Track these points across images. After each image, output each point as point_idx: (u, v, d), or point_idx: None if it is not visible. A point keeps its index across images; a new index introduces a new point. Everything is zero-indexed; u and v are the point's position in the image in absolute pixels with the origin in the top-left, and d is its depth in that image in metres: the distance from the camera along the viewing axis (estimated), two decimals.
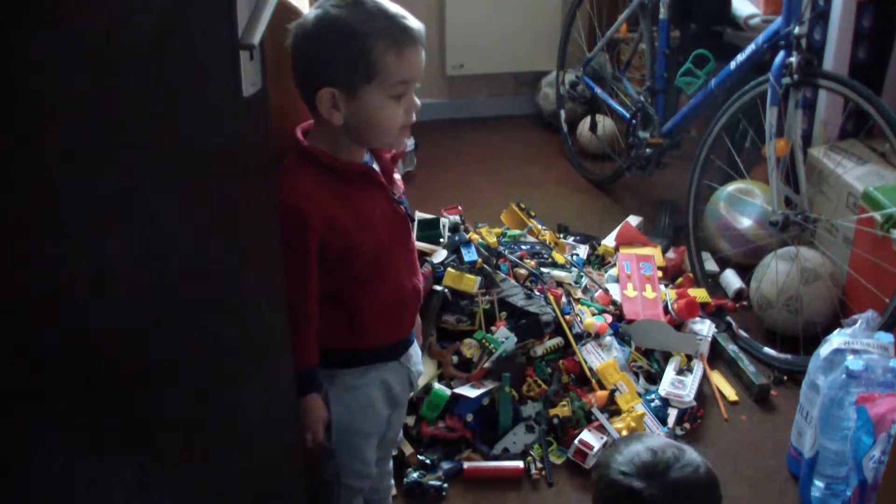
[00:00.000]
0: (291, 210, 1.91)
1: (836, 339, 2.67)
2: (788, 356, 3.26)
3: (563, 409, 3.05)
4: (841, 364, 2.59)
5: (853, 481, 2.58)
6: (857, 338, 2.63)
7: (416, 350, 2.34)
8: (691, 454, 1.75)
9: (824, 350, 2.67)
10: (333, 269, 2.02)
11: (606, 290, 3.53)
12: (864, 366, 2.54)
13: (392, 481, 2.65)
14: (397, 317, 2.19)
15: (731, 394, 3.21)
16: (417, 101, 2.00)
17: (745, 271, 3.60)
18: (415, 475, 2.83)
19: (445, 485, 2.84)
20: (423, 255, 3.28)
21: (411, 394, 2.47)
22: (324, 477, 2.38)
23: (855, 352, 2.60)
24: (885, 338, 2.63)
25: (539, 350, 3.15)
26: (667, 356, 3.29)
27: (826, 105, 3.63)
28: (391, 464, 2.59)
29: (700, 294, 3.53)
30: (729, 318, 3.47)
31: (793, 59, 3.18)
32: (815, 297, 3.24)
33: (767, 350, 3.32)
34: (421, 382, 3.02)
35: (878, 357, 2.57)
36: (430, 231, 3.55)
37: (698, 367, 3.24)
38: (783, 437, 2.92)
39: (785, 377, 3.24)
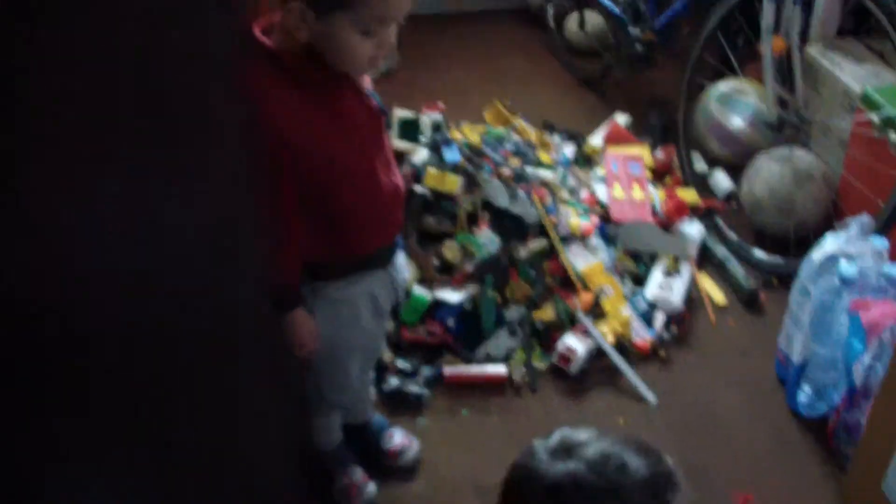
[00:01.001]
0: (262, 121, 1.77)
1: (830, 244, 2.59)
2: (779, 259, 3.18)
3: (547, 313, 2.98)
4: (834, 269, 2.51)
5: (842, 387, 2.54)
6: (850, 242, 2.55)
7: (401, 258, 2.24)
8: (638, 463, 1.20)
9: (817, 255, 2.59)
10: (308, 176, 1.91)
11: (593, 191, 3.43)
12: (858, 271, 2.47)
13: (372, 389, 2.58)
14: (379, 219, 2.08)
15: (719, 297, 3.15)
16: (393, 40, 1.83)
17: (736, 172, 3.50)
18: (395, 382, 2.77)
19: (426, 391, 2.78)
20: (403, 155, 3.16)
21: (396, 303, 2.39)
22: (305, 390, 2.32)
23: (848, 257, 2.52)
24: (879, 242, 2.54)
25: (523, 252, 3.06)
26: (654, 258, 3.21)
27: (824, 1, 3.47)
28: (372, 373, 2.52)
29: (689, 195, 3.43)
30: (718, 220, 3.38)
31: None
32: (808, 200, 3.15)
33: (757, 252, 3.24)
34: None
35: (872, 262, 2.50)
36: (410, 130, 3.42)
37: (686, 269, 3.17)
38: (771, 342, 2.87)
39: (774, 280, 3.18)
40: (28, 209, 0.77)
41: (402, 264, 2.25)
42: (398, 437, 2.58)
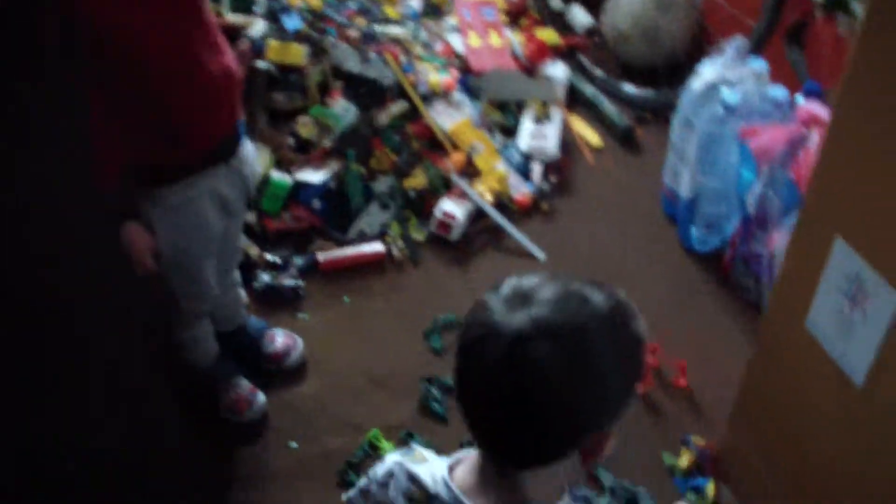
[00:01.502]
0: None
1: (707, 71, 2.45)
2: (650, 92, 3.05)
3: (418, 180, 2.77)
4: (716, 98, 2.38)
5: (735, 219, 2.46)
6: (728, 68, 2.42)
7: (247, 148, 1.97)
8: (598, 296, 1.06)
9: (696, 84, 2.45)
10: (117, 69, 1.61)
11: (448, 42, 3.18)
12: (741, 97, 2.35)
13: (241, 291, 2.34)
14: (208, 109, 1.80)
15: (594, 139, 3.00)
16: None
17: (594, 6, 3.31)
18: (266, 278, 2.53)
19: (301, 282, 2.56)
20: (237, 30, 2.81)
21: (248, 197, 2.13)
22: (162, 304, 2.07)
23: (729, 83, 2.39)
24: (757, 65, 2.42)
25: (384, 118, 2.81)
26: (522, 107, 3.02)
27: None
28: (237, 274, 2.27)
29: (549, 35, 3.22)
30: (582, 58, 3.21)
31: None
32: (673, 26, 3.00)
33: (628, 87, 3.10)
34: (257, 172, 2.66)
35: (754, 86, 2.38)
36: (242, 1, 3.05)
37: (557, 114, 2.99)
38: (654, 179, 2.76)
39: (648, 115, 3.05)
40: None
41: (250, 153, 2.00)
42: (280, 339, 2.37)
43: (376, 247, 2.64)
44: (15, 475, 2.12)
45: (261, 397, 2.26)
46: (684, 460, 2.13)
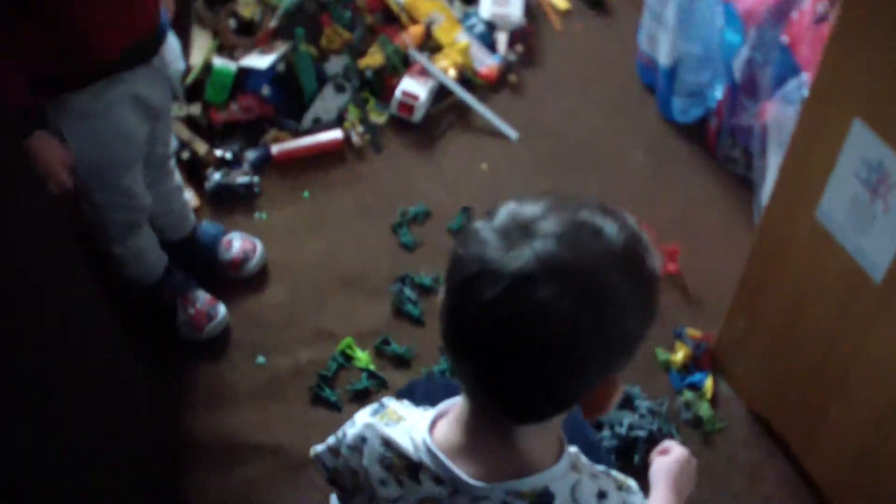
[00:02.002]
0: None
1: None
2: None
3: (374, 58, 2.53)
4: None
5: (719, 87, 2.27)
6: None
7: (171, 45, 1.76)
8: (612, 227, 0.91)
9: None
10: None
11: None
12: None
13: (186, 195, 2.14)
14: (118, 7, 1.58)
15: (560, 1, 2.77)
16: None
17: None
18: (217, 176, 2.33)
19: (256, 178, 2.36)
20: None
21: (177, 98, 1.92)
22: (86, 219, 1.88)
23: None
24: None
25: None
26: None
27: None
28: (177, 176, 2.06)
29: None
30: None
31: None
32: None
33: None
34: (197, 60, 2.41)
35: None
36: None
37: None
38: (629, 45, 2.55)
39: None
40: None
41: (174, 50, 1.79)
42: (237, 243, 2.18)
43: (334, 134, 2.43)
44: None
45: (221, 309, 2.10)
46: (679, 355, 2.01)
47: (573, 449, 1.03)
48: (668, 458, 1.33)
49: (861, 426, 1.62)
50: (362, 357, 2.04)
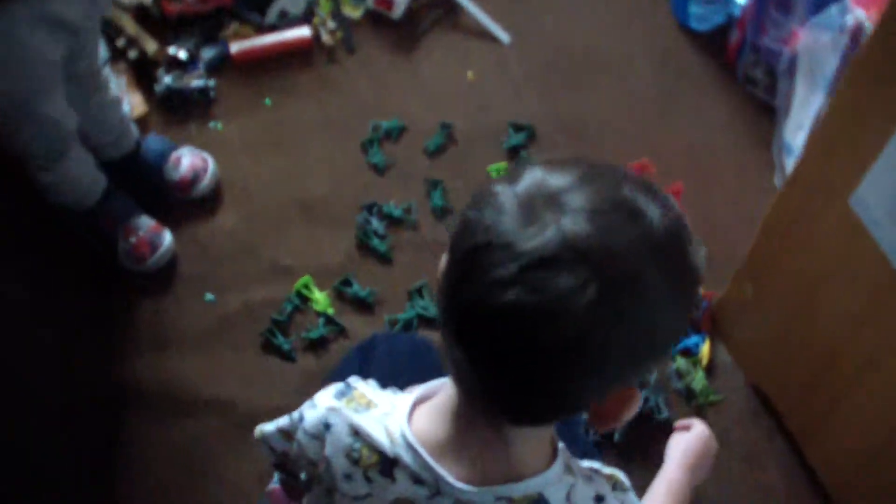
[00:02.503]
0: None
1: None
2: None
3: None
4: None
5: None
6: None
7: None
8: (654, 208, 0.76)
9: None
10: None
11: None
12: None
13: (125, 107, 1.89)
14: None
15: None
16: None
17: None
18: (168, 79, 2.06)
19: (212, 82, 2.09)
20: None
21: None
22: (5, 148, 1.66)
23: None
24: None
25: None
26: None
27: None
28: (111, 88, 1.81)
29: None
30: None
31: None
32: None
33: None
34: None
35: None
36: None
37: None
38: None
39: None
40: None
41: None
42: (187, 160, 1.94)
43: (302, 31, 2.14)
44: None
45: (167, 238, 1.89)
46: None
47: (560, 445, 0.89)
48: (689, 435, 1.24)
49: (874, 426, 1.43)
50: (320, 299, 1.84)
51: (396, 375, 1.67)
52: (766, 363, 1.70)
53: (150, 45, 2.07)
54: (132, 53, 2.06)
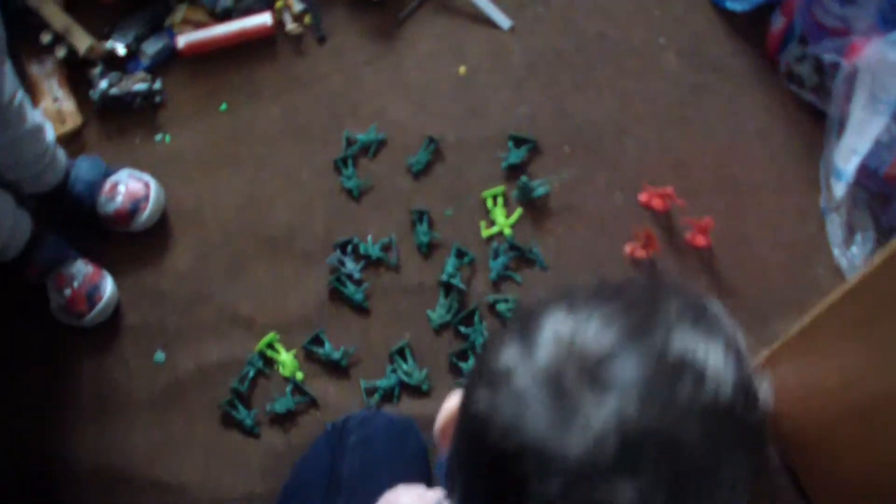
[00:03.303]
0: None
1: None
2: None
3: None
4: None
5: None
6: None
7: None
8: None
9: None
10: None
11: None
12: None
13: (51, 136, 1.58)
14: None
15: None
16: None
17: None
18: (104, 83, 1.73)
19: (157, 84, 1.77)
20: None
21: None
22: None
23: None
24: None
25: None
26: None
27: None
28: (29, 118, 1.50)
29: None
30: None
31: None
32: None
33: None
34: None
35: None
36: None
37: None
38: None
39: None
40: None
41: None
42: (123, 188, 1.64)
43: (262, 18, 1.80)
44: None
45: (107, 287, 1.62)
46: None
47: None
48: None
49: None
50: (287, 362, 1.58)
51: (374, 466, 1.43)
52: (790, 434, 1.44)
53: (83, 41, 1.74)
54: (60, 52, 1.74)
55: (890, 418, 1.17)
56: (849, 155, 1.54)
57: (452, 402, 0.71)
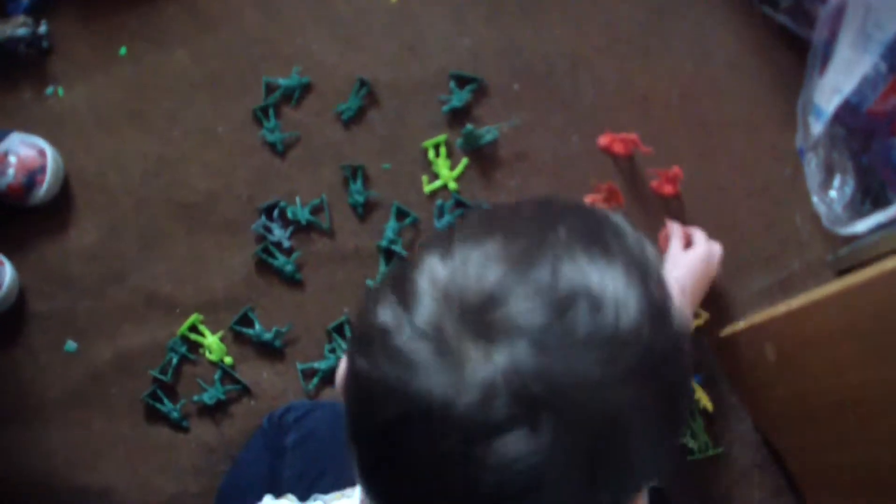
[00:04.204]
0: None
1: None
2: None
3: None
4: None
5: None
6: None
7: None
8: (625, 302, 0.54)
9: None
10: None
11: None
12: None
13: None
14: None
15: None
16: None
17: None
18: None
19: (43, 26, 1.53)
20: None
21: None
22: None
23: None
24: None
25: None
26: None
27: None
28: None
29: None
30: None
31: None
32: None
33: None
34: None
35: None
36: None
37: None
38: None
39: None
40: None
41: None
42: (15, 158, 1.44)
43: None
44: None
45: (6, 275, 1.44)
46: None
47: None
48: (691, 255, 1.20)
49: None
50: (213, 344, 1.43)
51: (318, 465, 1.33)
52: (779, 416, 1.34)
53: None
54: None
55: (882, 408, 1.06)
56: (831, 94, 1.38)
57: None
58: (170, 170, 1.50)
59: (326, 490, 1.09)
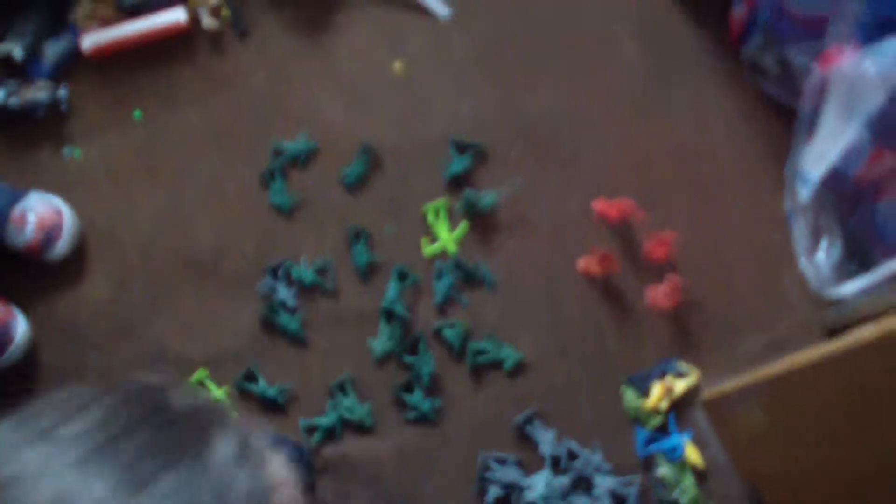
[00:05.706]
0: None
1: None
2: None
3: None
4: None
5: None
6: None
7: None
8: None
9: None
10: None
11: None
12: None
13: None
14: None
15: None
16: None
17: None
18: (1, 94, 1.57)
19: (62, 91, 1.60)
20: None
21: None
22: None
23: None
24: None
25: None
26: None
27: None
28: None
29: None
30: None
31: None
32: None
33: None
34: None
35: None
36: None
37: None
38: None
39: None
40: None
41: None
42: (33, 216, 1.50)
43: (175, 14, 1.62)
44: None
45: (19, 328, 1.49)
46: (655, 399, 1.44)
47: None
48: None
49: None
50: (219, 398, 1.47)
51: None
52: (770, 476, 1.36)
53: None
54: None
55: (874, 471, 1.09)
56: (817, 161, 1.42)
57: None
58: (179, 226, 1.55)
59: None
